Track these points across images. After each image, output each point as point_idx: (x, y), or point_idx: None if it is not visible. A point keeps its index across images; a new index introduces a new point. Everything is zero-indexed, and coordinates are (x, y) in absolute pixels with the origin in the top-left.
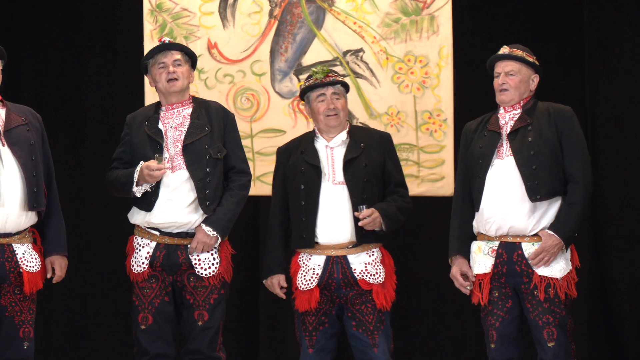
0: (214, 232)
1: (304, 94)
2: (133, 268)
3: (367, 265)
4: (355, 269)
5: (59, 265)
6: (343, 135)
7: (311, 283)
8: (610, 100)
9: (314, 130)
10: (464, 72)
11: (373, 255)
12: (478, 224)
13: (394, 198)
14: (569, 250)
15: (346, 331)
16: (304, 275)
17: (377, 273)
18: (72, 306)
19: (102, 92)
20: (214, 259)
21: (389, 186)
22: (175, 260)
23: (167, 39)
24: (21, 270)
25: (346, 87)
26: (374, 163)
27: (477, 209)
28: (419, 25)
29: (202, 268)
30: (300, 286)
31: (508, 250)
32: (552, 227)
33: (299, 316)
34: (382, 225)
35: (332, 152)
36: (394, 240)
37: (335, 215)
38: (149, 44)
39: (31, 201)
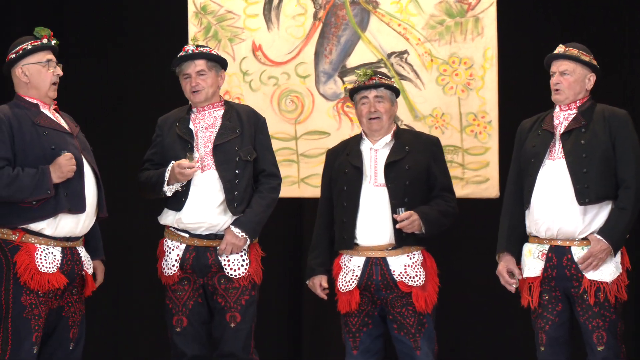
0: (243, 234)
1: (351, 96)
2: (164, 271)
3: (406, 267)
4: (394, 271)
5: (101, 271)
6: (387, 138)
7: (351, 284)
8: None
9: (361, 133)
10: (509, 73)
11: (414, 257)
12: (529, 224)
13: (438, 202)
14: (619, 253)
15: (390, 334)
16: (344, 277)
17: (417, 275)
18: (107, 309)
19: (146, 95)
20: (244, 260)
21: (434, 190)
22: (204, 262)
23: (191, 48)
24: (83, 273)
25: (394, 90)
26: (418, 166)
27: (527, 208)
28: (464, 27)
29: (231, 269)
30: (341, 287)
31: (558, 254)
32: (601, 231)
33: (342, 318)
34: (421, 228)
35: (376, 154)
36: (437, 243)
37: (374, 217)
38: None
39: (101, 207)
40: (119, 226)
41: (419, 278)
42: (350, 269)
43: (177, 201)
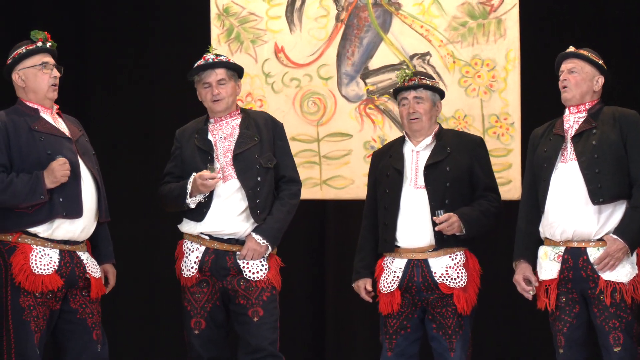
0: (264, 241)
1: (395, 96)
2: (183, 272)
3: (448, 269)
4: (435, 273)
5: (112, 274)
6: (429, 139)
7: (392, 286)
8: None
9: (404, 134)
10: (531, 75)
11: (456, 258)
12: (544, 229)
13: (480, 202)
14: (634, 254)
15: (427, 333)
16: (386, 278)
17: (458, 277)
18: (124, 310)
19: (169, 97)
20: (263, 265)
21: (478, 190)
22: (223, 264)
23: (211, 57)
24: (88, 276)
25: (436, 91)
26: (459, 167)
27: (542, 213)
28: (486, 28)
29: (250, 272)
30: (382, 289)
31: (574, 256)
32: (617, 231)
33: (382, 319)
34: (462, 229)
35: (417, 156)
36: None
37: (415, 220)
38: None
39: (101, 212)
40: (137, 228)
41: (461, 279)
42: (392, 271)
43: (199, 212)
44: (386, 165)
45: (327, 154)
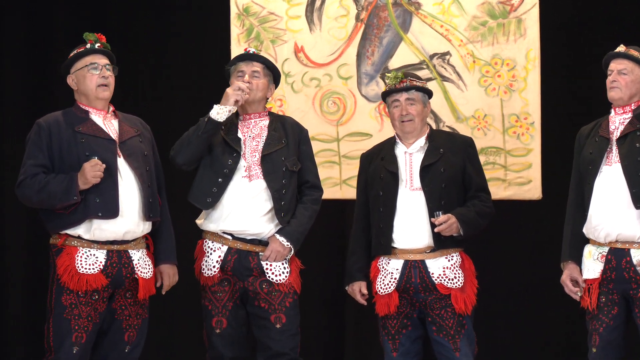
0: (288, 243)
1: (383, 99)
2: (204, 272)
3: (445, 269)
4: (433, 274)
5: (167, 275)
6: (422, 141)
7: (389, 287)
8: None
9: (394, 136)
10: (552, 75)
11: (452, 259)
12: (587, 231)
13: (474, 203)
14: None
15: (429, 336)
16: (383, 280)
17: (455, 277)
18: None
19: (188, 97)
20: (285, 268)
21: (470, 191)
22: (246, 265)
23: (252, 50)
24: (136, 276)
25: (425, 92)
26: (453, 168)
27: (587, 216)
28: (506, 28)
29: (273, 274)
30: (379, 290)
31: (617, 257)
32: None
33: (380, 321)
34: (459, 230)
35: (410, 158)
36: (479, 244)
37: (412, 222)
38: (236, 48)
39: (147, 211)
40: None
41: (458, 280)
42: (389, 272)
43: (204, 200)
44: (378, 168)
45: (346, 153)
